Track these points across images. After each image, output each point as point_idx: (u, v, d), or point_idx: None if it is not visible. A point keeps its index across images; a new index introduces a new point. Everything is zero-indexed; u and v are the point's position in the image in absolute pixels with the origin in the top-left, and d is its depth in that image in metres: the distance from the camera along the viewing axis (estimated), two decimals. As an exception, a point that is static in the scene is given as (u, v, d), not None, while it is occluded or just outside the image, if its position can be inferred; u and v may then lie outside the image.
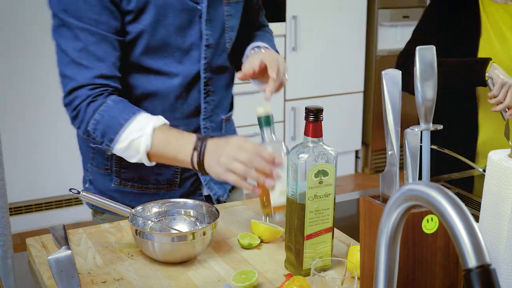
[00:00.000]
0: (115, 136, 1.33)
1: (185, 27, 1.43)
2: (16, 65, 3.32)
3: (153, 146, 1.32)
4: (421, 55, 1.00)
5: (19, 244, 3.27)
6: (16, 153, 3.39)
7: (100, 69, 1.35)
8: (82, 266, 1.26)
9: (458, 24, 2.04)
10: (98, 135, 1.35)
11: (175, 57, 1.44)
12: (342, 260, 1.20)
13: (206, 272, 1.25)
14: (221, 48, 1.51)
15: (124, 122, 1.32)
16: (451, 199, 0.73)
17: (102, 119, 1.34)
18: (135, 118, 1.33)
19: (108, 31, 1.35)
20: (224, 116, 1.58)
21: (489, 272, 0.67)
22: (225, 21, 1.50)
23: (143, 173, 1.51)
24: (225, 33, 1.51)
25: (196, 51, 1.46)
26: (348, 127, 4.38)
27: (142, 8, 1.37)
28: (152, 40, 1.40)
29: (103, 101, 1.35)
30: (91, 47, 1.34)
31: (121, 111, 1.34)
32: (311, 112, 1.18)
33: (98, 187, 1.57)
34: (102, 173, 1.55)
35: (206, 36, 1.46)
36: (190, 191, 1.56)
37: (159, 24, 1.40)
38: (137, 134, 1.32)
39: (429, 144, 1.04)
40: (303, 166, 1.17)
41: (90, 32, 1.33)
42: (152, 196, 1.52)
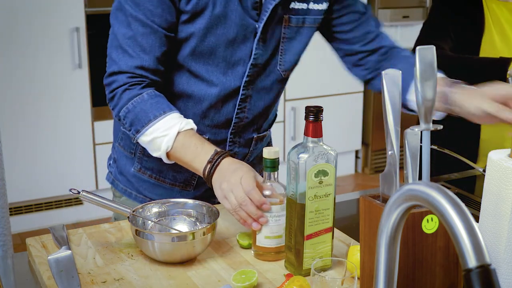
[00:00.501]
0: (141, 129, 1.36)
1: (237, 42, 1.42)
2: (16, 65, 3.32)
3: (173, 148, 1.35)
4: (421, 55, 1.00)
5: (19, 244, 3.27)
6: (16, 153, 3.39)
7: (142, 61, 1.37)
8: (82, 266, 1.26)
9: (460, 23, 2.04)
10: (127, 123, 1.39)
11: (219, 68, 1.43)
12: (342, 260, 1.20)
13: (206, 272, 1.25)
14: (270, 69, 1.48)
15: (153, 118, 1.35)
16: (451, 199, 0.73)
17: (134, 110, 1.37)
18: (164, 117, 1.36)
19: (160, 25, 1.37)
20: (256, 135, 1.56)
21: (489, 272, 0.67)
22: (280, 43, 1.47)
23: (163, 167, 1.53)
24: (277, 55, 1.48)
25: (242, 67, 1.44)
26: (348, 127, 4.38)
27: (199, 12, 1.38)
28: (201, 45, 1.41)
29: (139, 92, 1.38)
30: (139, 38, 1.36)
31: (153, 107, 1.36)
32: (311, 112, 1.18)
33: (119, 167, 1.61)
34: (126, 155, 1.58)
35: (255, 55, 1.43)
36: (204, 195, 1.56)
37: (210, 32, 1.39)
38: (161, 133, 1.35)
39: (429, 144, 1.04)
40: (303, 166, 1.17)
41: (142, 23, 1.36)
42: (167, 190, 1.56)
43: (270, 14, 1.41)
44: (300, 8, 1.46)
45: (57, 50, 3.38)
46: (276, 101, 1.60)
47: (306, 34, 1.51)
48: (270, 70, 1.48)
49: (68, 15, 3.37)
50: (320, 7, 1.49)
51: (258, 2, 1.41)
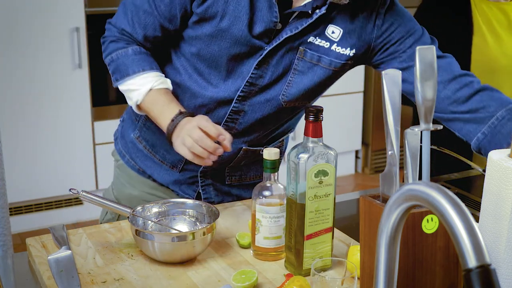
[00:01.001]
0: (120, 79, 1.46)
1: (241, 57, 1.41)
2: (16, 65, 3.32)
3: (143, 102, 1.44)
4: (421, 55, 1.00)
5: (19, 244, 3.27)
6: (16, 153, 3.39)
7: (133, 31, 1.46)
8: (82, 266, 1.26)
9: (449, 24, 2.04)
10: (110, 70, 1.50)
11: (221, 74, 1.44)
12: (342, 260, 1.20)
13: (206, 272, 1.25)
14: (271, 94, 1.45)
15: (131, 73, 1.44)
16: (451, 199, 0.73)
17: (117, 61, 1.47)
18: (142, 74, 1.44)
19: (161, 13, 1.43)
20: (246, 147, 1.53)
21: (489, 272, 0.67)
22: (290, 74, 1.43)
23: (156, 142, 1.58)
24: (282, 84, 1.44)
25: (240, 81, 1.44)
26: (348, 127, 4.38)
27: (207, 18, 1.39)
28: (205, 50, 1.43)
29: (124, 46, 1.48)
30: (140, 12, 1.45)
31: (134, 63, 1.45)
32: (311, 112, 1.18)
33: (124, 130, 1.68)
34: (132, 121, 1.64)
35: (253, 75, 1.42)
36: (187, 182, 1.59)
37: (215, 42, 1.40)
38: (135, 87, 1.44)
39: (429, 144, 1.04)
40: (303, 166, 1.17)
41: (148, 2, 1.43)
42: (156, 165, 1.60)
43: (281, 42, 1.39)
44: (321, 46, 1.41)
45: (57, 50, 3.38)
46: (280, 126, 1.55)
47: (318, 74, 1.43)
48: (272, 95, 1.45)
49: (68, 15, 3.37)
50: (343, 51, 1.41)
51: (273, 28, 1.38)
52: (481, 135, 1.38)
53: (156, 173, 1.60)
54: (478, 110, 1.39)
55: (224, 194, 1.62)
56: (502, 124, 1.36)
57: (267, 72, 1.42)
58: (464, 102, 1.40)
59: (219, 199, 1.61)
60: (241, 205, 1.57)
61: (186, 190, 1.59)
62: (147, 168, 1.61)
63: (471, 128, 1.39)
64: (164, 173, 1.59)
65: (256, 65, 1.41)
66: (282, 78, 1.44)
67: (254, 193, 1.28)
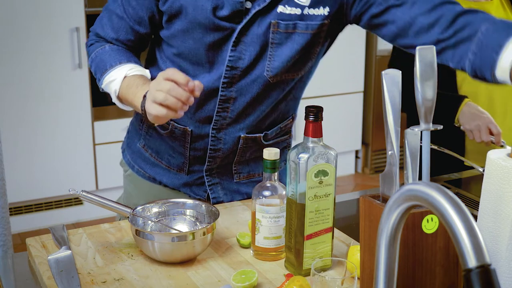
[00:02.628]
0: (101, 77, 1.48)
1: (217, 44, 1.41)
2: (16, 65, 3.32)
3: (120, 90, 1.43)
4: (421, 55, 1.00)
5: (19, 244, 3.27)
6: (16, 153, 3.39)
7: (106, 34, 1.50)
8: (82, 266, 1.26)
9: None
10: (93, 71, 1.52)
11: (205, 67, 1.44)
12: (342, 260, 1.20)
13: (206, 272, 1.25)
14: (256, 74, 1.43)
15: (108, 68, 1.46)
16: (451, 199, 0.73)
17: (96, 59, 1.50)
18: (119, 66, 1.45)
19: (130, 16, 1.46)
20: (245, 134, 1.51)
21: (489, 272, 0.67)
22: (268, 49, 1.41)
23: (160, 148, 1.59)
24: (264, 60, 1.42)
25: (222, 67, 1.43)
26: (348, 127, 4.38)
27: (174, 15, 1.40)
28: (183, 47, 1.43)
29: (102, 44, 1.51)
30: (113, 16, 1.48)
31: (111, 57, 1.47)
32: (311, 112, 1.18)
33: (130, 140, 1.68)
34: (137, 131, 1.64)
35: (231, 57, 1.41)
36: (196, 183, 1.58)
37: (188, 36, 1.41)
38: (112, 78, 1.44)
39: (429, 144, 1.04)
40: (303, 166, 1.17)
41: (119, 6, 1.47)
42: (164, 170, 1.60)
43: (251, 19, 1.38)
44: (293, 14, 1.38)
45: (57, 50, 3.38)
46: (275, 108, 1.52)
47: (298, 41, 1.41)
48: (257, 74, 1.43)
49: (68, 15, 3.37)
50: (317, 12, 1.39)
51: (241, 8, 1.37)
52: (472, 55, 1.31)
53: (165, 178, 1.60)
54: (463, 29, 1.32)
55: (233, 192, 1.60)
56: (487, 37, 1.28)
57: (245, 52, 1.41)
58: (449, 27, 1.34)
59: (228, 199, 1.59)
60: (241, 205, 1.57)
61: (196, 191, 1.59)
62: (156, 175, 1.60)
63: (461, 51, 1.33)
64: (173, 177, 1.59)
65: (232, 47, 1.40)
66: (262, 54, 1.42)
67: (254, 193, 1.29)
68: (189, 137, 1.51)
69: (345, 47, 4.21)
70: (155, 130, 1.56)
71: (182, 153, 1.54)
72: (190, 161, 1.55)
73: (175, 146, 1.55)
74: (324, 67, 4.48)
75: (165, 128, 1.53)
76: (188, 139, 1.51)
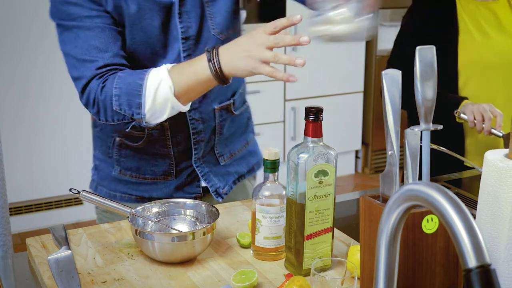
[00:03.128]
0: (140, 99, 1.33)
1: (165, 24, 1.43)
2: (16, 65, 3.32)
3: (175, 85, 1.32)
4: (421, 55, 1.00)
5: (19, 244, 3.27)
6: (16, 153, 3.39)
7: (103, 60, 1.37)
8: (82, 266, 1.26)
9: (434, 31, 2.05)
10: (126, 109, 1.35)
11: (159, 53, 1.44)
12: (342, 260, 1.20)
13: (206, 272, 1.25)
14: (206, 37, 1.47)
15: (141, 81, 1.33)
16: (451, 199, 0.73)
17: (121, 91, 1.34)
18: (149, 73, 1.34)
19: (105, 22, 1.38)
20: (218, 105, 1.53)
21: (489, 272, 0.67)
22: (205, 9, 1.46)
23: (140, 163, 1.55)
24: (206, 21, 1.46)
25: (177, 44, 1.45)
26: (348, 127, 4.38)
27: (119, 13, 1.39)
28: (134, 40, 1.42)
29: (114, 76, 1.36)
30: (92, 41, 1.37)
31: (134, 75, 1.35)
32: (311, 112, 1.18)
33: (101, 173, 1.62)
34: (105, 160, 1.59)
35: (182, 29, 1.44)
36: (187, 182, 1.58)
37: (137, 28, 1.41)
38: (156, 83, 1.32)
39: (429, 144, 1.04)
40: (303, 166, 1.17)
41: (88, 28, 1.36)
42: (150, 185, 1.57)
43: None
44: None
45: (57, 50, 3.37)
46: None
47: None
48: (207, 37, 1.47)
49: (68, 15, 3.38)
50: None
51: None
52: None
53: (154, 192, 1.58)
54: None
55: (225, 175, 1.62)
56: None
57: (190, 19, 1.44)
58: None
59: (223, 183, 1.61)
60: (241, 205, 1.57)
61: (189, 190, 1.59)
62: (144, 192, 1.58)
63: None
64: (162, 187, 1.57)
65: (179, 19, 1.43)
66: (204, 16, 1.46)
67: (254, 193, 1.29)
68: (168, 132, 1.50)
69: (345, 47, 4.22)
70: (128, 149, 1.53)
71: (166, 154, 1.53)
72: (176, 159, 1.54)
73: (156, 151, 1.53)
74: (324, 67, 4.51)
75: (139, 138, 1.50)
76: (168, 135, 1.51)
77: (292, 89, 4.08)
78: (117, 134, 1.53)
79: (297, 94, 4.12)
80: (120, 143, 1.53)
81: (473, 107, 1.93)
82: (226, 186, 1.61)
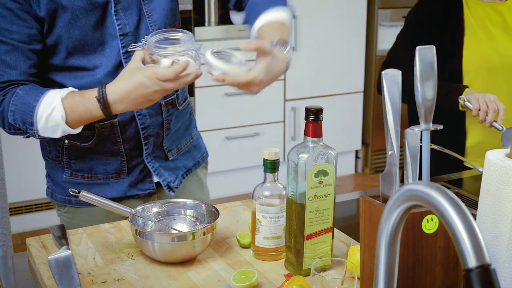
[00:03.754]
0: (32, 118, 1.39)
1: (100, 22, 1.44)
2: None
3: (67, 114, 1.38)
4: (421, 55, 1.00)
5: (19, 244, 3.27)
6: (16, 153, 3.39)
7: (10, 76, 1.41)
8: (82, 266, 1.26)
9: (440, 29, 2.05)
10: (20, 124, 1.41)
11: (97, 52, 1.45)
12: (342, 260, 1.20)
13: (206, 272, 1.25)
14: (144, 34, 1.48)
15: (35, 103, 1.38)
16: (451, 199, 0.73)
17: (17, 109, 1.40)
18: (44, 97, 1.39)
19: (20, 40, 1.39)
20: (163, 101, 1.55)
21: (489, 272, 0.67)
22: (142, 7, 1.48)
23: (91, 163, 1.56)
24: (144, 18, 1.49)
25: (115, 41, 1.46)
26: (348, 127, 4.38)
27: (52, 15, 1.40)
28: (71, 42, 1.43)
29: (13, 92, 1.41)
30: (3, 56, 1.40)
31: (30, 96, 1.40)
32: (311, 112, 1.18)
33: (54, 179, 1.63)
34: (56, 165, 1.60)
35: (119, 26, 1.45)
36: (139, 178, 1.58)
37: (73, 27, 1.41)
38: (49, 109, 1.38)
39: (429, 144, 1.04)
40: (303, 166, 1.17)
41: (3, 42, 1.39)
42: (102, 186, 1.57)
43: None
44: None
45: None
46: None
47: None
48: (145, 34, 1.47)
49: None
50: None
51: None
52: None
53: (108, 191, 1.57)
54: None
55: (174, 169, 1.63)
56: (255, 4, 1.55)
57: (127, 16, 1.46)
58: None
59: (173, 177, 1.62)
60: (241, 205, 1.57)
61: (142, 186, 1.59)
62: (98, 193, 1.53)
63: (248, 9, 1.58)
64: (114, 185, 1.58)
65: (115, 16, 1.44)
66: (140, 13, 1.48)
67: (254, 193, 1.29)
68: (118, 130, 1.51)
69: (345, 47, 4.22)
70: (79, 150, 1.54)
71: (117, 152, 1.54)
72: (127, 156, 1.55)
73: (107, 149, 1.54)
74: (324, 67, 4.51)
75: (89, 137, 1.51)
76: (117, 132, 1.51)
77: (292, 89, 4.08)
78: (66, 137, 1.53)
79: (297, 94, 4.12)
80: (70, 146, 1.53)
81: (478, 95, 1.92)
82: (176, 180, 1.63)
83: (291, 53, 1.39)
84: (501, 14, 2.07)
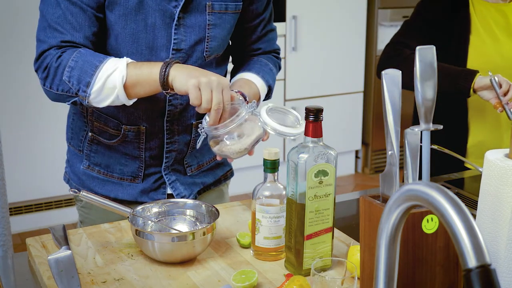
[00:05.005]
0: (91, 78, 1.34)
1: (157, 27, 1.43)
2: (16, 64, 3.32)
3: (128, 73, 1.34)
4: (421, 55, 1.00)
5: (19, 244, 3.27)
6: (16, 153, 3.39)
7: (72, 37, 1.38)
8: (82, 266, 1.26)
9: (447, 23, 2.05)
10: (74, 82, 1.35)
11: (143, 55, 1.44)
12: (342, 260, 1.20)
13: (206, 272, 1.25)
14: (196, 55, 1.48)
15: (98, 63, 1.35)
16: (451, 199, 0.73)
17: (77, 65, 1.35)
18: (109, 59, 1.36)
19: (88, 4, 1.38)
20: (195, 121, 1.55)
21: (489, 272, 0.67)
22: (206, 30, 1.47)
23: (109, 161, 1.56)
24: (204, 42, 1.48)
25: (165, 53, 1.45)
26: (348, 127, 4.38)
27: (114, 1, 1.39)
28: (123, 32, 1.41)
29: (74, 50, 1.37)
30: (69, 16, 1.38)
31: (95, 57, 1.36)
32: (311, 112, 1.18)
33: (72, 167, 1.64)
34: (76, 154, 1.61)
35: (175, 40, 1.44)
36: (153, 187, 1.59)
37: (130, 19, 1.41)
38: (111, 69, 1.34)
39: (429, 144, 1.04)
40: (303, 166, 1.17)
41: (71, 2, 1.37)
42: (116, 185, 1.57)
43: (187, 0, 1.42)
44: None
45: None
46: None
47: (229, 21, 1.51)
48: (197, 56, 1.48)
49: (68, 15, 3.38)
50: None
51: None
52: None
53: (120, 193, 1.57)
54: None
55: (191, 185, 1.62)
56: None
57: (187, 34, 1.45)
58: None
59: (188, 192, 1.62)
60: (241, 205, 1.57)
61: (155, 195, 1.58)
62: (109, 192, 1.58)
63: None
64: (128, 188, 1.58)
65: (175, 30, 1.43)
66: (201, 36, 1.47)
67: (254, 193, 1.29)
68: (143, 136, 1.51)
69: (345, 47, 4.22)
70: (100, 145, 1.54)
71: (137, 156, 1.54)
72: (146, 163, 1.55)
73: (128, 152, 1.54)
74: (324, 67, 4.50)
75: (114, 136, 1.51)
76: (142, 139, 1.52)
77: (292, 89, 4.08)
78: (90, 129, 1.54)
79: (297, 94, 4.12)
80: (92, 138, 1.54)
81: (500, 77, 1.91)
82: (191, 195, 1.62)
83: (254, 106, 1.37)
84: (505, 15, 2.07)
